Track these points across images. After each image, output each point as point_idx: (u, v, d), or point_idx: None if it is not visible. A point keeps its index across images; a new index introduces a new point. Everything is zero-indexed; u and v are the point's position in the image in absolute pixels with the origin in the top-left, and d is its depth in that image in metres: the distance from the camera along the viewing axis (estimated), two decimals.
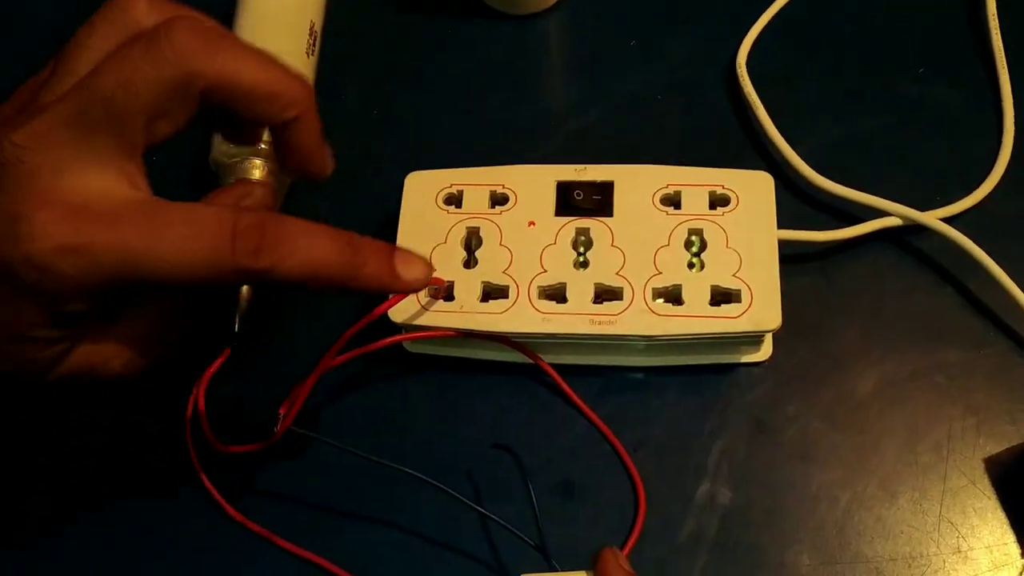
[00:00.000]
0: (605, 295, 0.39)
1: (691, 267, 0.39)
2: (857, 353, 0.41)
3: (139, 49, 0.29)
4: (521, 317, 0.39)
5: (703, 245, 0.39)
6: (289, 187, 0.45)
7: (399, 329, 0.40)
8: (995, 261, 0.40)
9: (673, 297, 0.39)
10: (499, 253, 0.40)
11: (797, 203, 0.44)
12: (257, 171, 0.43)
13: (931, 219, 0.42)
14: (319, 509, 0.39)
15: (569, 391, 0.40)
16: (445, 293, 0.39)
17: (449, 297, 0.39)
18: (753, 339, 0.40)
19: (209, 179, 0.44)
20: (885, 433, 0.39)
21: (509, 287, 0.39)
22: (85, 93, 0.28)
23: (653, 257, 0.39)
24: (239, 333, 0.40)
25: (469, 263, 0.40)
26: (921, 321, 0.41)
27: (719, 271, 0.39)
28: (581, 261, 0.40)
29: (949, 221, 0.42)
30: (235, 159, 0.43)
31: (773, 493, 0.38)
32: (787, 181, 0.44)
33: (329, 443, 0.37)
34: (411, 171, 0.42)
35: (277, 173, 0.43)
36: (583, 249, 0.40)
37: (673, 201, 0.40)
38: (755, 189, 0.40)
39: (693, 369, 0.41)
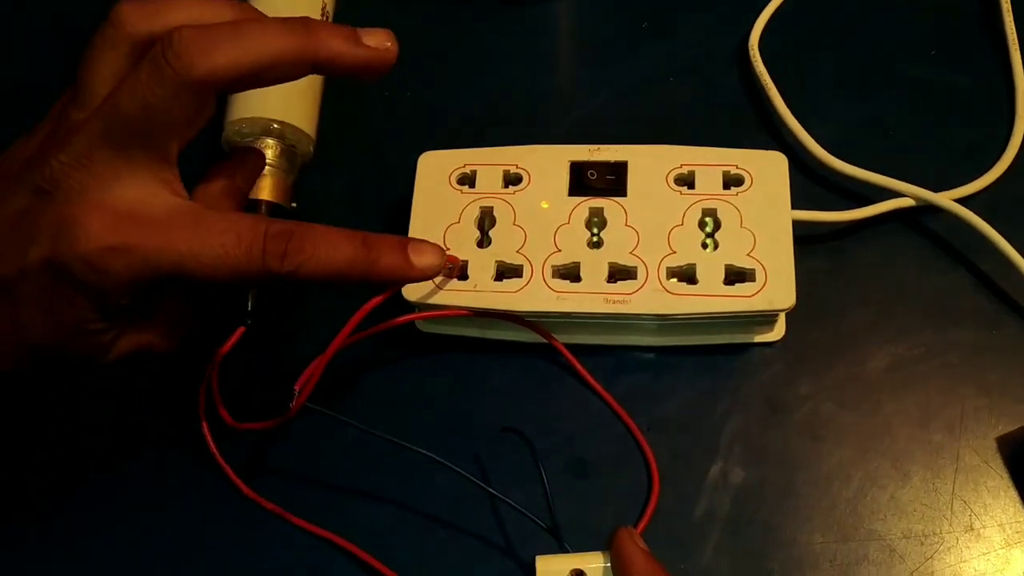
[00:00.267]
0: (619, 274, 0.39)
1: (705, 247, 0.39)
2: (870, 333, 0.41)
3: (146, 72, 0.31)
4: (535, 296, 0.39)
5: (717, 225, 0.39)
6: (302, 170, 0.45)
7: (413, 308, 0.40)
8: (1008, 241, 0.40)
9: (687, 276, 0.39)
10: (513, 233, 0.40)
11: (810, 184, 0.44)
12: (269, 150, 0.43)
13: (944, 200, 0.42)
14: (332, 487, 0.40)
15: (583, 371, 0.41)
16: (459, 272, 0.39)
17: (463, 276, 0.39)
18: (766, 319, 0.40)
19: (222, 159, 0.44)
20: (898, 413, 0.39)
21: (523, 266, 0.39)
22: (110, 117, 0.31)
23: (667, 237, 0.39)
24: (253, 312, 0.40)
25: (483, 242, 0.40)
26: (934, 301, 0.41)
27: (733, 251, 0.39)
28: (595, 241, 0.40)
29: (962, 202, 0.42)
30: (248, 139, 0.43)
31: (786, 472, 0.39)
32: (800, 162, 0.44)
33: (343, 420, 0.37)
34: (424, 151, 0.42)
35: (289, 153, 0.43)
36: (597, 229, 0.40)
37: (687, 181, 0.40)
38: (769, 169, 0.40)
39: (706, 349, 0.41)
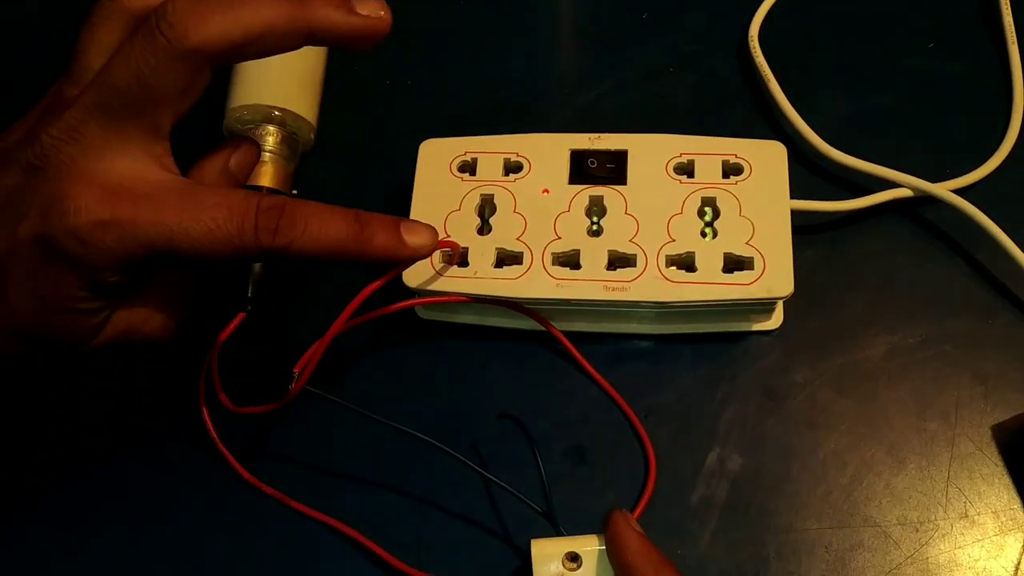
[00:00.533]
0: (618, 262, 0.39)
1: (704, 235, 0.39)
2: (867, 322, 0.41)
3: (139, 42, 0.31)
4: (535, 283, 0.39)
5: (716, 213, 0.40)
6: (302, 157, 0.45)
7: (413, 293, 0.40)
8: (1004, 232, 0.41)
9: (686, 264, 0.39)
10: (513, 220, 0.40)
11: (809, 174, 0.44)
12: (271, 137, 0.43)
13: (942, 190, 0.42)
14: (331, 471, 0.40)
15: (581, 358, 0.41)
16: (460, 259, 0.40)
17: (463, 263, 0.40)
18: (764, 307, 0.40)
19: None
20: (893, 401, 0.40)
21: (523, 253, 0.39)
22: (103, 88, 0.31)
23: (666, 225, 0.39)
24: (253, 297, 0.40)
25: (483, 230, 0.40)
26: (930, 291, 0.42)
27: (732, 239, 0.39)
28: (595, 229, 0.40)
29: (959, 193, 0.42)
30: (249, 126, 0.43)
31: (782, 459, 0.39)
32: (799, 153, 0.45)
33: (342, 404, 0.37)
34: (425, 139, 0.42)
35: (290, 140, 0.43)
36: (597, 217, 0.40)
37: (687, 170, 0.41)
38: (768, 159, 0.40)
39: (704, 337, 0.41)
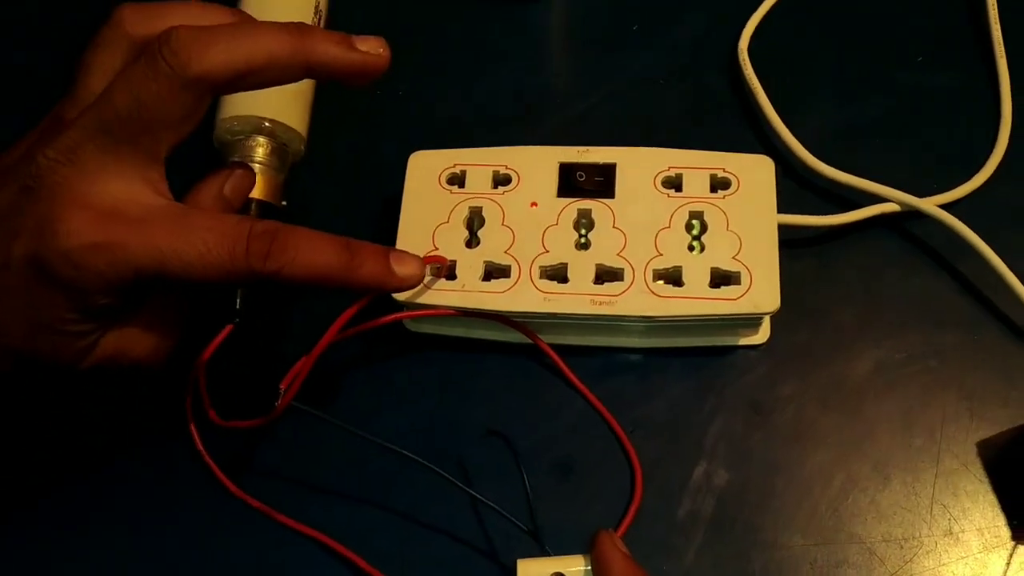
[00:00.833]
0: (606, 276, 0.39)
1: (691, 249, 0.39)
2: (853, 337, 0.41)
3: (141, 67, 0.31)
4: (522, 296, 0.39)
5: (704, 228, 0.40)
6: (292, 168, 0.45)
7: (401, 307, 0.40)
8: (991, 247, 0.41)
9: (673, 279, 0.39)
10: (501, 233, 0.40)
11: (796, 188, 0.44)
12: (260, 148, 0.43)
13: (929, 205, 0.42)
14: (318, 486, 0.40)
15: (568, 371, 0.41)
16: (447, 272, 0.40)
17: (451, 276, 0.40)
18: (751, 321, 0.41)
19: (214, 156, 0.44)
20: (879, 416, 0.40)
21: (511, 267, 0.39)
22: (103, 111, 0.31)
23: (654, 239, 0.39)
24: (240, 311, 0.40)
25: (471, 243, 0.40)
26: (917, 306, 0.42)
27: (719, 254, 0.39)
28: (582, 242, 0.40)
29: (946, 207, 0.42)
30: (239, 136, 0.43)
31: (769, 474, 0.39)
32: (787, 166, 0.45)
33: (328, 420, 0.37)
34: (414, 151, 0.42)
35: (280, 151, 0.43)
36: (584, 230, 0.40)
37: (674, 184, 0.41)
38: (756, 173, 0.40)
39: (691, 351, 0.41)
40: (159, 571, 0.39)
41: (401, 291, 0.37)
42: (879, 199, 0.43)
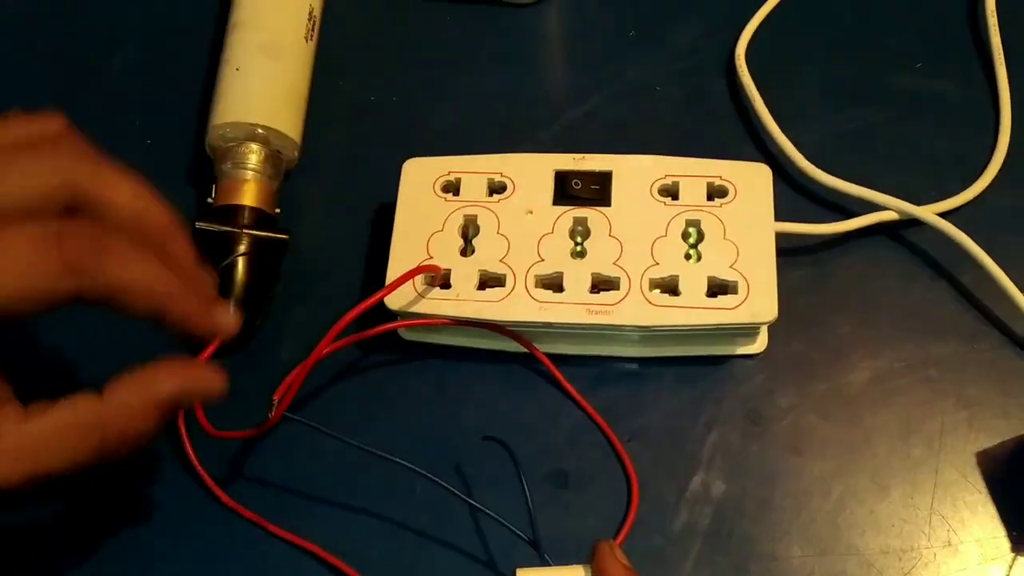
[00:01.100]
0: (602, 285, 0.39)
1: (688, 258, 0.39)
2: (851, 346, 0.41)
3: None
4: (517, 306, 0.39)
5: (700, 236, 0.39)
6: (286, 174, 0.45)
7: (395, 316, 0.39)
8: (990, 256, 0.40)
9: (670, 288, 0.39)
10: (496, 241, 0.40)
11: (794, 196, 0.44)
12: (254, 155, 0.42)
13: (927, 213, 0.42)
14: (311, 496, 0.39)
15: (564, 381, 0.40)
16: (442, 281, 0.39)
17: (445, 285, 0.39)
18: (748, 331, 0.40)
19: (206, 163, 0.44)
20: (878, 426, 0.39)
21: (506, 275, 0.39)
22: None
23: (650, 247, 0.39)
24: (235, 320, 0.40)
25: (466, 251, 0.40)
26: (915, 315, 0.41)
27: (716, 263, 0.39)
28: (578, 251, 0.40)
29: (945, 216, 0.42)
30: (232, 143, 0.43)
31: (766, 485, 0.39)
32: (784, 174, 0.44)
33: (322, 431, 0.37)
34: (409, 158, 0.42)
35: (273, 158, 0.43)
36: (580, 239, 0.40)
37: (671, 192, 0.40)
38: (753, 181, 0.40)
39: (688, 360, 0.41)
40: None
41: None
42: (877, 207, 0.42)
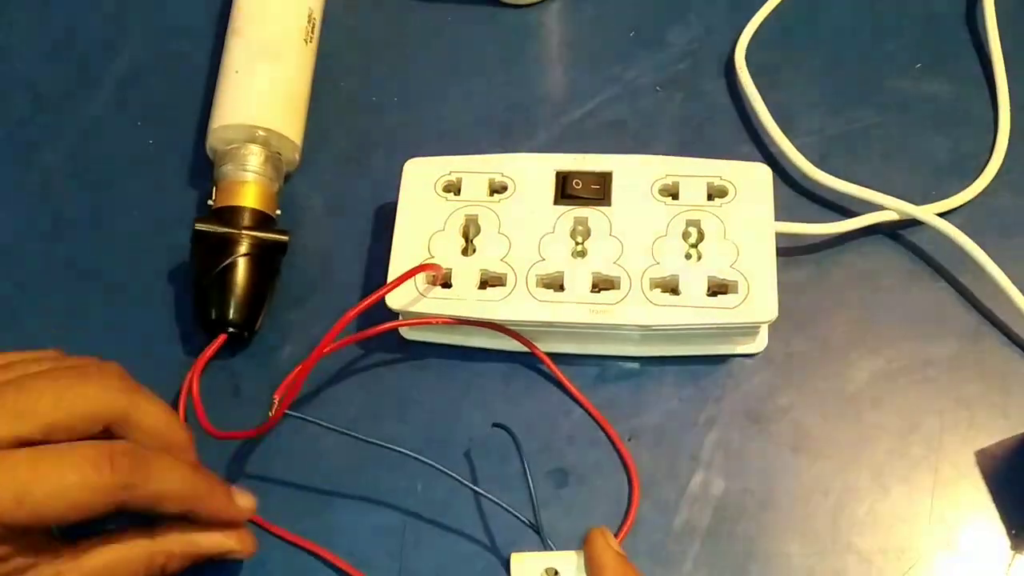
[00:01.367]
0: (603, 284, 0.39)
1: (688, 258, 0.39)
2: (851, 346, 0.41)
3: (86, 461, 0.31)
4: (518, 305, 0.39)
5: (701, 236, 0.40)
6: (287, 176, 0.45)
7: (396, 316, 0.40)
8: (989, 256, 0.41)
9: (670, 287, 0.39)
10: (497, 241, 0.40)
11: (794, 196, 0.44)
12: (254, 157, 0.43)
13: (926, 213, 0.42)
14: (312, 495, 0.39)
15: (564, 380, 0.41)
16: (443, 280, 0.39)
17: (447, 284, 0.39)
18: (748, 330, 0.40)
19: (207, 166, 0.44)
20: (877, 425, 0.39)
21: (507, 275, 0.39)
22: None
23: (651, 247, 0.39)
24: (234, 320, 0.40)
25: (467, 251, 0.40)
26: (915, 315, 0.42)
27: (716, 262, 0.39)
28: (579, 250, 0.40)
29: (944, 216, 0.42)
30: (232, 145, 0.43)
31: (766, 484, 0.39)
32: (784, 174, 0.44)
33: (323, 425, 0.37)
34: (410, 158, 0.42)
35: (274, 160, 0.43)
36: (581, 238, 0.40)
37: (671, 192, 0.41)
38: (753, 181, 0.40)
39: (688, 359, 0.41)
40: None
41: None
42: (877, 207, 0.42)
